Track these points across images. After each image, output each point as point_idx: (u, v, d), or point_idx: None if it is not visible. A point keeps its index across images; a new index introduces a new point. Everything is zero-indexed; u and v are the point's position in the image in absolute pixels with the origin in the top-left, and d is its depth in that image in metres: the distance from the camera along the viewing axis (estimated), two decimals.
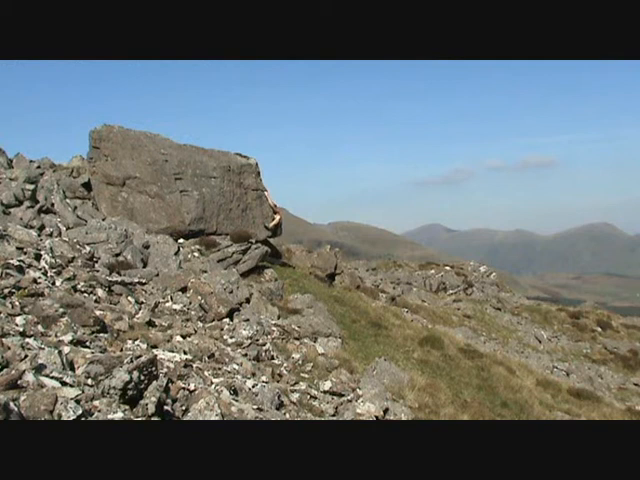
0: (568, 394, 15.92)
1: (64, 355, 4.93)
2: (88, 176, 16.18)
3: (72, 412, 3.87)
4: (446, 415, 9.80)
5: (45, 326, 6.11)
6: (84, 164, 16.99)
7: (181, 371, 6.32)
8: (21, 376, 4.14)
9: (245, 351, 8.88)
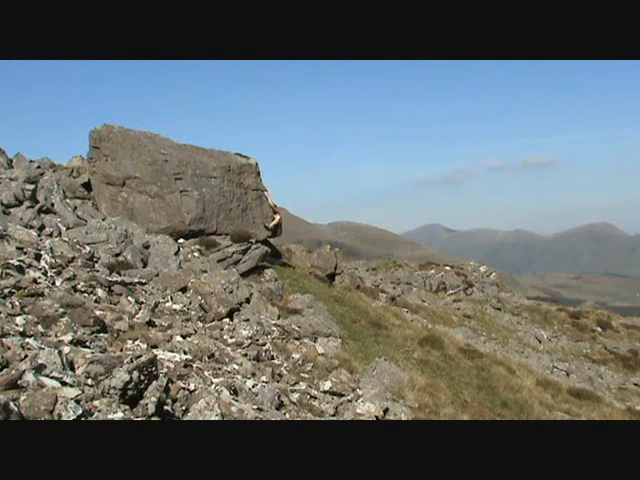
0: (568, 394, 15.92)
1: (64, 355, 4.93)
2: (88, 176, 16.18)
3: (72, 412, 3.87)
4: (446, 415, 9.80)
5: (45, 326, 6.11)
6: (84, 164, 16.99)
7: (181, 371, 6.32)
8: (21, 376, 4.14)
9: (245, 351, 8.88)
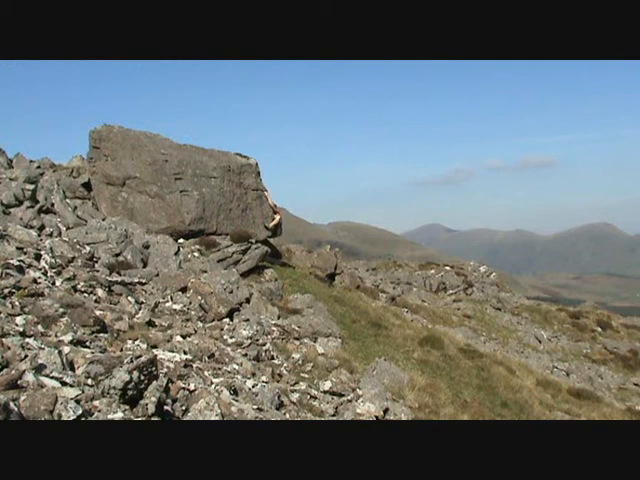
0: (568, 394, 15.92)
1: (64, 355, 4.93)
2: (88, 176, 16.18)
3: (72, 412, 3.87)
4: (446, 415, 9.80)
5: (45, 326, 6.11)
6: (84, 164, 16.99)
7: (181, 371, 6.32)
8: (21, 376, 4.14)
9: (245, 351, 8.88)
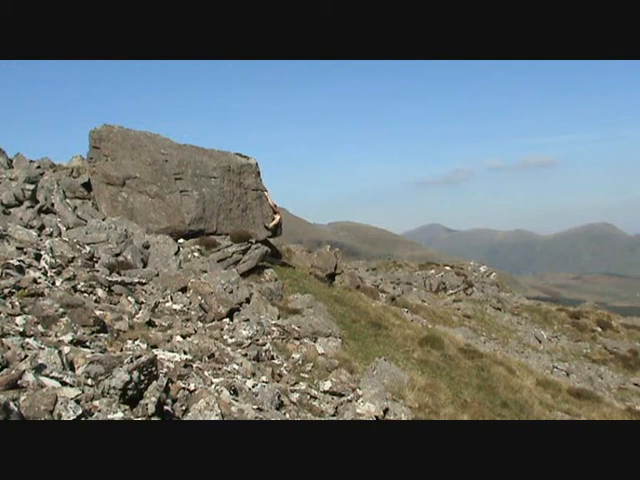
0: (568, 394, 15.92)
1: (64, 355, 4.93)
2: (88, 176, 16.18)
3: (72, 412, 3.87)
4: (446, 415, 9.80)
5: (45, 326, 6.11)
6: (84, 164, 16.99)
7: (181, 371, 6.32)
8: (21, 376, 4.14)
9: (245, 351, 8.88)
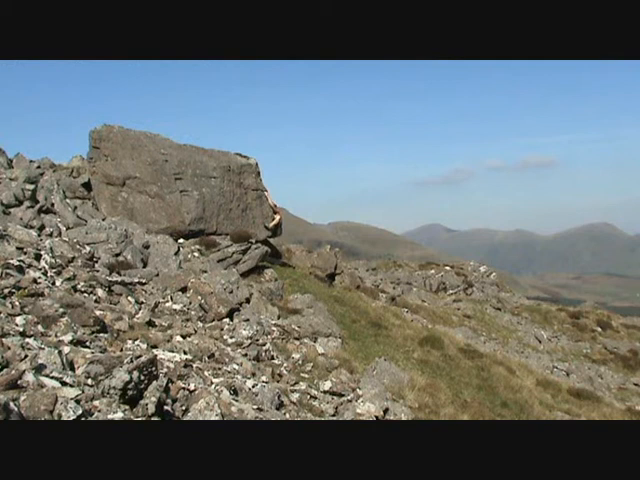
0: (568, 394, 15.92)
1: (64, 355, 4.93)
2: (88, 176, 16.18)
3: (72, 412, 3.87)
4: (446, 415, 9.80)
5: (45, 326, 6.11)
6: (84, 164, 16.99)
7: (181, 371, 6.32)
8: (21, 376, 4.14)
9: (245, 351, 8.88)
